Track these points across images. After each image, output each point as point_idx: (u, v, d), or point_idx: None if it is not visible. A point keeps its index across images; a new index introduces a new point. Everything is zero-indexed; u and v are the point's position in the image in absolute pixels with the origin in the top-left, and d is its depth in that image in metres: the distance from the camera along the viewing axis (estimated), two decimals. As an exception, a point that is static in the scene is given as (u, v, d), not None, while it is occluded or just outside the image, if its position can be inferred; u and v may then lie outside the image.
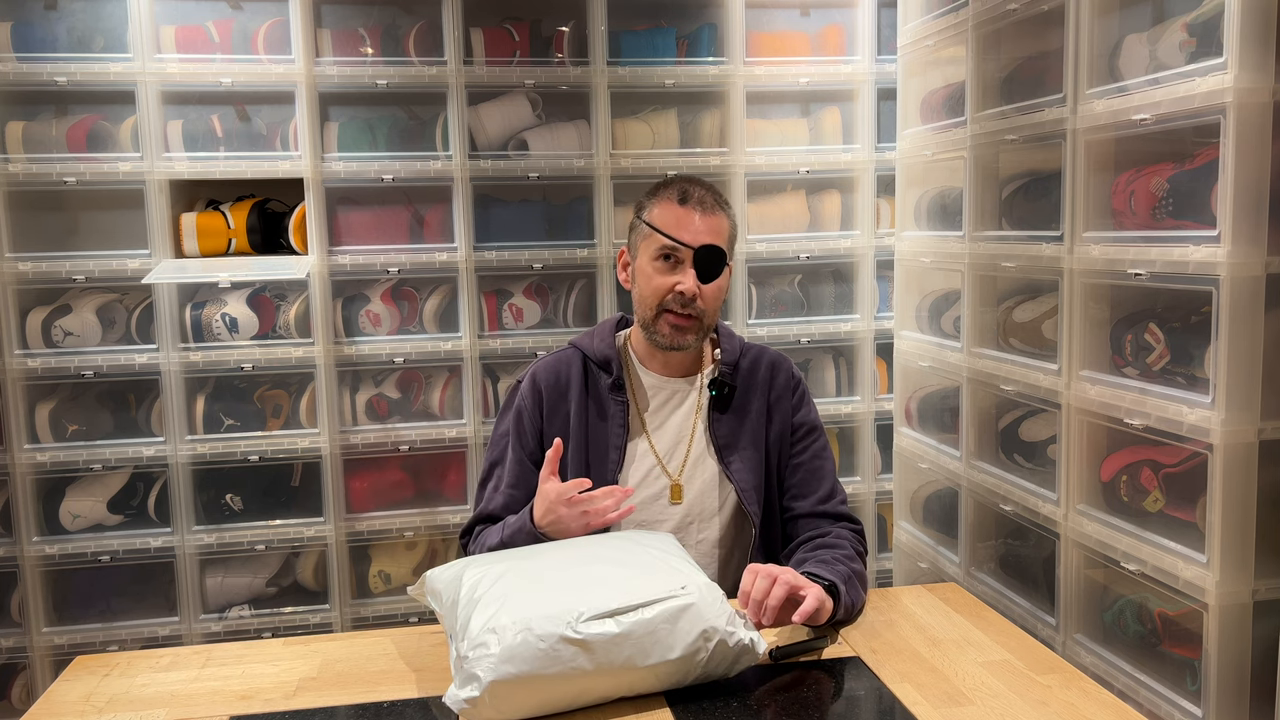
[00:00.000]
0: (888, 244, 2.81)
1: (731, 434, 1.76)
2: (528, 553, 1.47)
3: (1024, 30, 2.16)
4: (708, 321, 1.71)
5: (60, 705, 1.37)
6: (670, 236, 1.67)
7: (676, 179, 1.74)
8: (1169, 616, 1.75)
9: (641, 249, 1.72)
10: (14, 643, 2.56)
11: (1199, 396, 1.63)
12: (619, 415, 1.74)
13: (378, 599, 2.71)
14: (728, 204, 1.74)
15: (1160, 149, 1.78)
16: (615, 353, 1.77)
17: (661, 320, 1.70)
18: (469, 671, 1.22)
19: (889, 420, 2.84)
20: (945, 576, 2.45)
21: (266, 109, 2.60)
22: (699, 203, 1.68)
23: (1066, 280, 1.94)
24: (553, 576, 1.35)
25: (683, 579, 1.33)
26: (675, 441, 1.76)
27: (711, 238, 1.67)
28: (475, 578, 1.35)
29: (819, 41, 2.80)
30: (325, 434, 2.62)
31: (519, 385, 1.81)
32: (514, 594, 1.30)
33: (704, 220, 1.67)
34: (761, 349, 1.84)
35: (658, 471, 1.74)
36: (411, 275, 2.66)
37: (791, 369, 1.84)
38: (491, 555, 1.48)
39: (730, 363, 1.78)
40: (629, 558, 1.41)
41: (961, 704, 1.30)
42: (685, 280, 1.66)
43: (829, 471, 1.79)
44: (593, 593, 1.29)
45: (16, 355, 2.49)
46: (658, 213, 1.69)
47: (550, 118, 2.70)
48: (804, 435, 1.80)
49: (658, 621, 1.27)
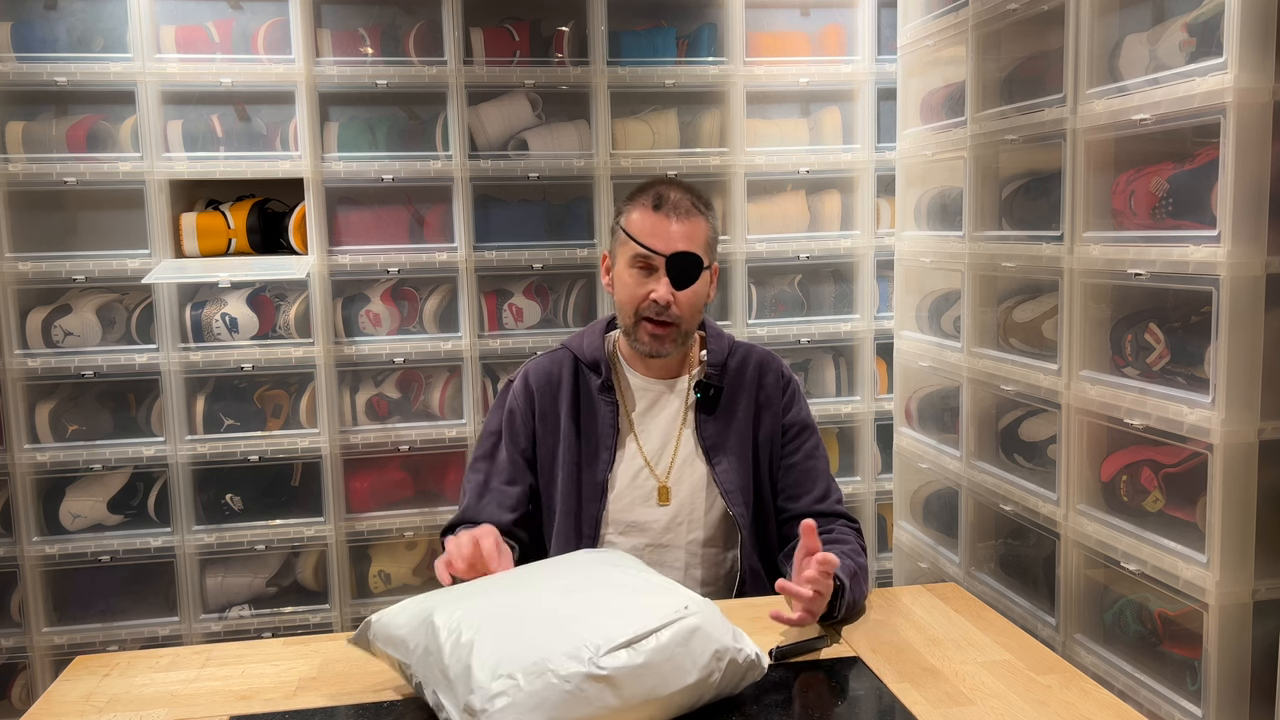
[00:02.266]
0: (888, 244, 2.81)
1: (718, 436, 1.75)
2: (490, 586, 1.34)
3: (1024, 30, 2.16)
4: (686, 327, 1.70)
5: (60, 705, 1.37)
6: (643, 244, 1.65)
7: (655, 183, 1.72)
8: (1169, 616, 1.75)
9: (619, 255, 1.71)
10: (14, 643, 2.56)
11: (1199, 396, 1.63)
12: (609, 416, 1.74)
13: (378, 599, 2.71)
14: (707, 206, 1.71)
15: (1160, 149, 1.79)
16: (604, 354, 1.77)
17: (640, 328, 1.69)
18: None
19: (889, 420, 2.84)
20: (945, 576, 2.45)
21: (266, 109, 2.60)
22: (674, 208, 1.66)
23: (1066, 280, 1.94)
24: (543, 609, 1.24)
25: (681, 598, 1.26)
26: (663, 443, 1.75)
27: (686, 244, 1.65)
28: (452, 619, 1.21)
29: (819, 41, 2.80)
30: (325, 434, 2.62)
31: (510, 384, 1.81)
32: (512, 633, 1.18)
33: (679, 226, 1.65)
34: (750, 348, 1.82)
35: (646, 473, 1.74)
36: (411, 275, 2.65)
37: (781, 368, 1.81)
38: (448, 592, 1.33)
39: (717, 363, 1.76)
40: (609, 579, 1.33)
41: (961, 704, 1.30)
42: (659, 289, 1.65)
43: (823, 470, 1.78)
44: (597, 622, 1.19)
45: (16, 355, 2.49)
46: (633, 218, 1.68)
47: (550, 118, 2.70)
48: (796, 435, 1.78)
49: (673, 646, 1.18)
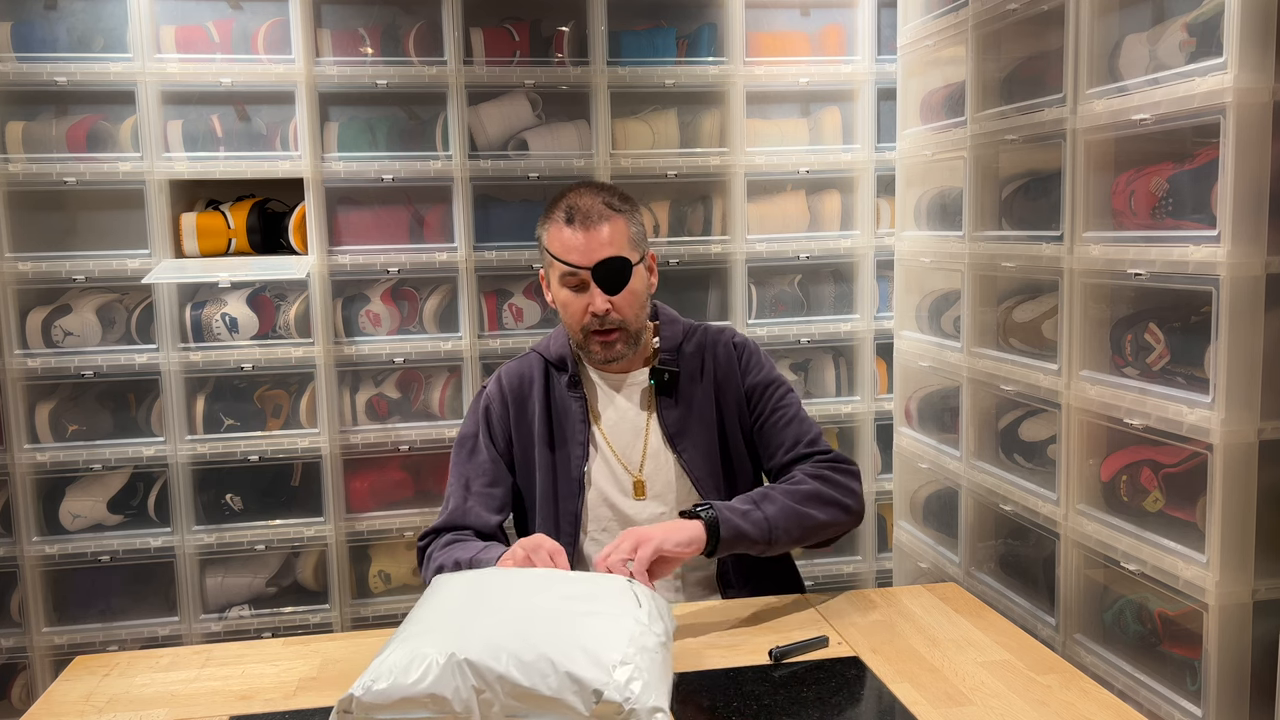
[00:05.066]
0: (888, 244, 2.81)
1: (681, 421, 1.76)
2: (449, 611, 1.28)
3: (1024, 30, 2.16)
4: (633, 327, 1.70)
5: (60, 705, 1.37)
6: (565, 262, 1.65)
7: (565, 194, 1.70)
8: (1169, 616, 1.75)
9: (550, 274, 1.71)
10: (14, 643, 2.55)
11: (1199, 396, 1.63)
12: (579, 413, 1.75)
13: (378, 599, 2.71)
14: (623, 201, 1.70)
15: (1160, 149, 1.78)
16: (570, 352, 1.78)
17: (589, 341, 1.70)
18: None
19: (889, 420, 2.84)
20: (945, 576, 2.45)
21: (266, 109, 2.59)
22: (584, 218, 1.64)
23: (1066, 280, 1.94)
24: (542, 610, 1.26)
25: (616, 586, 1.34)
26: (632, 437, 1.76)
27: (609, 250, 1.64)
28: (478, 648, 1.18)
29: (819, 41, 2.80)
30: (325, 434, 2.62)
31: (484, 390, 1.83)
32: (556, 633, 1.20)
33: (596, 234, 1.64)
34: (704, 329, 1.82)
35: (620, 468, 1.75)
36: (411, 275, 2.65)
37: (730, 339, 1.81)
38: (418, 635, 1.22)
39: (671, 349, 1.77)
40: (548, 594, 1.32)
41: (961, 704, 1.30)
42: (595, 300, 1.65)
43: (791, 418, 1.76)
44: (602, 608, 1.28)
45: (16, 355, 2.49)
46: (551, 235, 1.68)
47: (550, 118, 2.70)
48: (760, 397, 1.78)
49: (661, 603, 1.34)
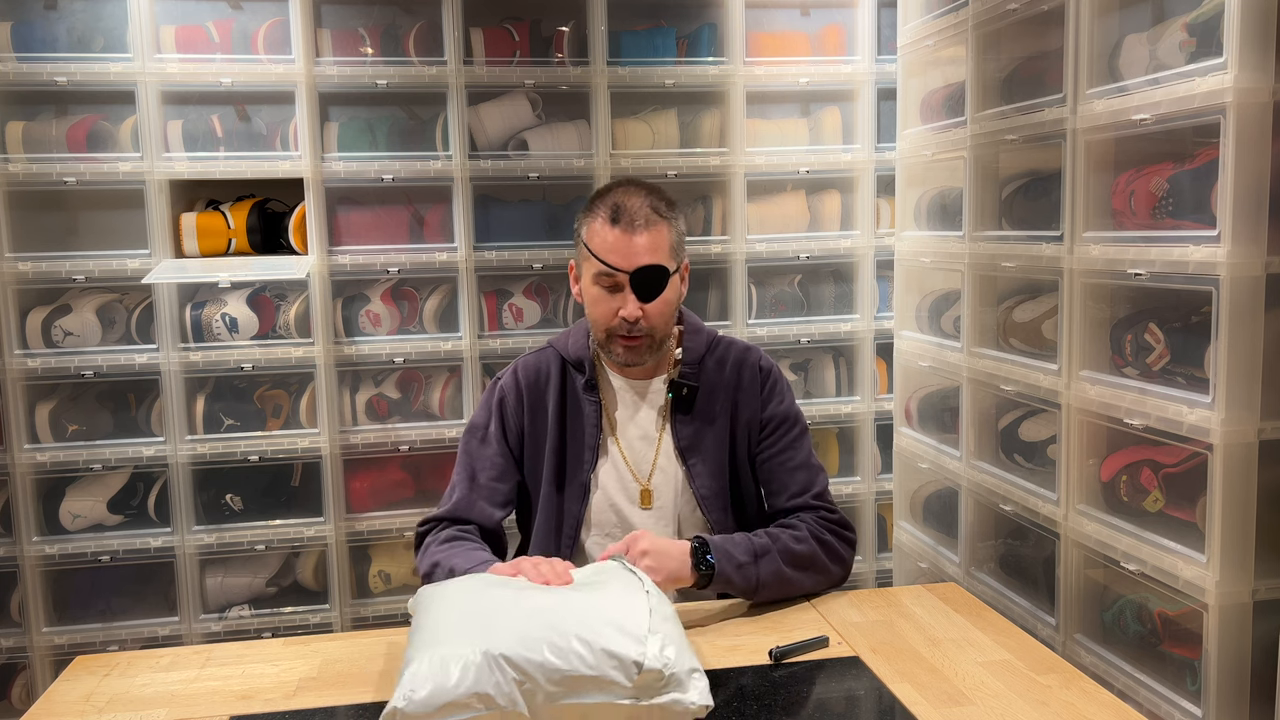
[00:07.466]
0: (888, 244, 2.81)
1: (695, 436, 1.73)
2: (469, 610, 1.28)
3: (1024, 30, 2.16)
4: (660, 335, 1.68)
5: (60, 705, 1.37)
6: (605, 262, 1.62)
7: (609, 191, 1.68)
8: (1169, 616, 1.75)
9: (584, 268, 1.69)
10: (14, 643, 2.55)
11: (1199, 396, 1.63)
12: (593, 416, 1.73)
13: (378, 599, 2.71)
14: (669, 206, 1.67)
15: (1160, 149, 1.78)
16: (588, 353, 1.75)
17: (612, 343, 1.68)
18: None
19: (889, 420, 2.84)
20: (945, 576, 2.45)
21: (266, 109, 2.60)
22: (630, 221, 1.61)
23: (1066, 280, 1.94)
24: (548, 600, 1.28)
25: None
26: (644, 445, 1.74)
27: (649, 257, 1.61)
28: (505, 642, 1.19)
29: (819, 41, 2.80)
30: (325, 434, 2.62)
31: (499, 381, 1.79)
32: (576, 618, 1.24)
33: (640, 239, 1.61)
34: (730, 343, 1.79)
35: (628, 475, 1.73)
36: (411, 275, 2.65)
37: (758, 360, 1.78)
38: (436, 642, 1.21)
39: (693, 361, 1.74)
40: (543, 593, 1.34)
41: (961, 704, 1.30)
42: (627, 306, 1.63)
43: (801, 463, 1.73)
44: (605, 593, 1.34)
45: (16, 355, 2.49)
46: (593, 231, 1.65)
47: (550, 118, 2.70)
48: (774, 429, 1.75)
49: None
